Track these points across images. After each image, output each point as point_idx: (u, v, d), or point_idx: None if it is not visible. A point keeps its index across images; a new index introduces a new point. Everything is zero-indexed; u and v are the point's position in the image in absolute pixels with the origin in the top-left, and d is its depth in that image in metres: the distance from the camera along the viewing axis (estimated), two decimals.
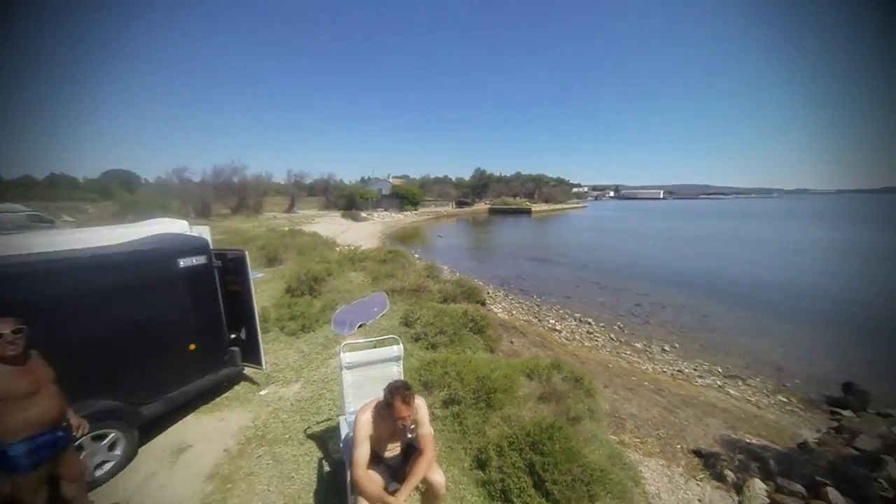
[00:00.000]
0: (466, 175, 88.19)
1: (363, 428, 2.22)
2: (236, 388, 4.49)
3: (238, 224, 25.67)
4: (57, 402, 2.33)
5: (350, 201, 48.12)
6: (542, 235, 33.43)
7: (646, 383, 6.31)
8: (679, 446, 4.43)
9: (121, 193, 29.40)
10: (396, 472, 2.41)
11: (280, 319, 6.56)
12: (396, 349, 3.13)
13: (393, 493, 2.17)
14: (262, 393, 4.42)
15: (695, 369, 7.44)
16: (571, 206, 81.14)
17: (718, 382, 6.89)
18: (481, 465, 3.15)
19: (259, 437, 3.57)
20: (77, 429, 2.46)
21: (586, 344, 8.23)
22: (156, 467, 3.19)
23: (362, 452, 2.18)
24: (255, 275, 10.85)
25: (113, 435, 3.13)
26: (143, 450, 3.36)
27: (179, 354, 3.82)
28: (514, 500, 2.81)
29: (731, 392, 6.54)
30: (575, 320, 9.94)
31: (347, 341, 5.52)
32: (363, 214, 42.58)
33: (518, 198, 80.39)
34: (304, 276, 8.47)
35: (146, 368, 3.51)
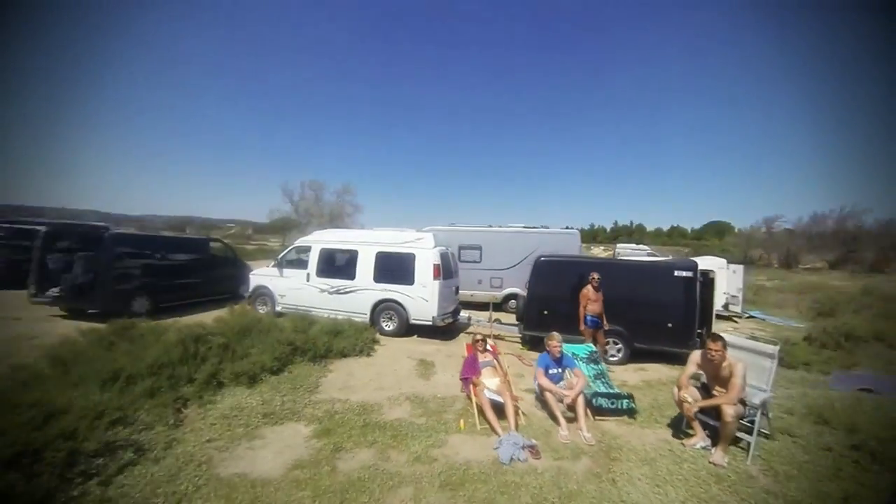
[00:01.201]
0: None
1: (693, 357, 3.89)
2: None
3: (829, 280, 21.91)
4: (601, 307, 6.01)
5: None
6: None
7: None
8: None
9: (711, 239, 34.69)
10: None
11: None
12: (772, 349, 3.91)
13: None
14: None
15: None
16: None
17: None
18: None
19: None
20: (605, 322, 6.05)
21: None
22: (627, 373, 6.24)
23: (689, 370, 3.89)
24: (790, 322, 10.64)
25: (619, 345, 6.52)
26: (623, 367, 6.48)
27: (661, 327, 6.48)
28: None
29: None
30: None
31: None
32: None
33: None
34: (830, 329, 7.72)
35: (643, 324, 6.53)
